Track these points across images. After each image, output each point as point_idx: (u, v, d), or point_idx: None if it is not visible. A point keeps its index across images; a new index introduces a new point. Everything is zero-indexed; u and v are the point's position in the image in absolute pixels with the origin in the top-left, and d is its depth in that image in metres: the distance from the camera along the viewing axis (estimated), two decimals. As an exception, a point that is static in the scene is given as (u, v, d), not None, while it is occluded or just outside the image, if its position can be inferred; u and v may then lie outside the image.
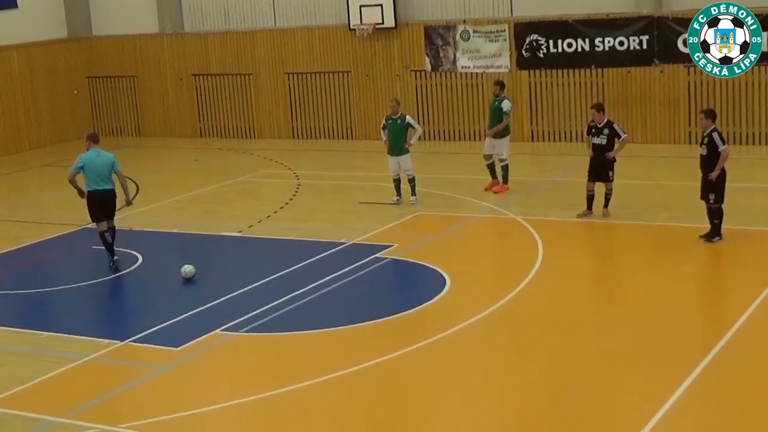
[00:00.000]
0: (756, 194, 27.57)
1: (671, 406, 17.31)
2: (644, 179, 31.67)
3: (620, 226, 27.99)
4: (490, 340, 21.30)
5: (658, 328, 20.92)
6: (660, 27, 36.22)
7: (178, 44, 45.53)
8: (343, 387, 19.35)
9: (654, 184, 31.27)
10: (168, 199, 34.93)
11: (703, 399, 17.68)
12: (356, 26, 40.90)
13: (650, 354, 19.59)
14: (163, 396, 19.64)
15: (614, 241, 27.69)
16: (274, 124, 43.89)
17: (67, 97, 46.81)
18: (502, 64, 38.73)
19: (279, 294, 24.38)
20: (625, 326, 21.47)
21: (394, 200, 31.35)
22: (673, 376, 18.20)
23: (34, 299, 26.60)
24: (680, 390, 17.80)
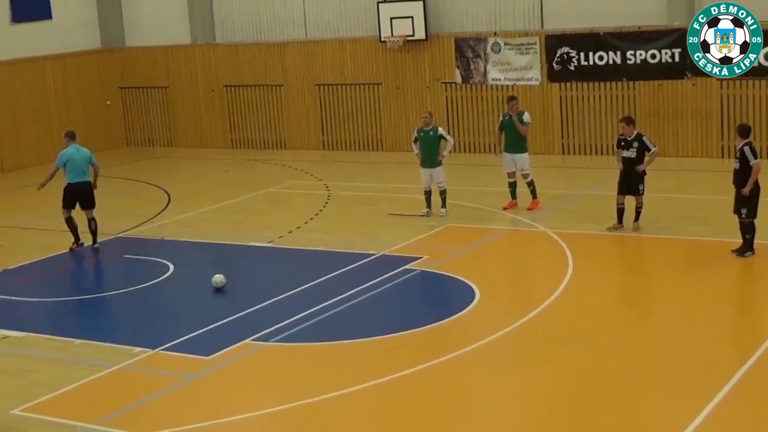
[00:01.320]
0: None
1: (701, 421, 17.37)
2: (675, 193, 31.65)
3: (651, 240, 27.93)
4: (519, 354, 21.24)
5: (689, 342, 20.89)
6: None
7: (209, 55, 45.64)
8: (371, 398, 19.39)
9: (685, 198, 31.26)
10: (199, 209, 35.01)
11: (734, 414, 17.65)
12: (387, 38, 40.93)
13: (680, 369, 19.52)
14: (192, 405, 19.69)
15: (645, 255, 27.62)
16: (304, 135, 43.95)
17: (101, 108, 46.96)
18: (532, 77, 38.75)
19: (309, 304, 24.41)
20: (655, 340, 21.42)
21: (425, 212, 31.36)
22: (704, 392, 18.14)
23: (67, 307, 26.81)
24: (711, 405, 17.75)
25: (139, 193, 38.08)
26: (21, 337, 24.00)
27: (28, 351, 23.12)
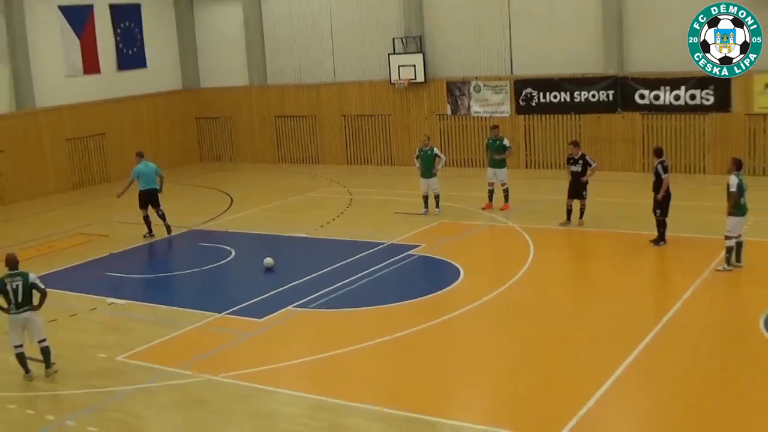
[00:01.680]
0: (692, 210, 27.56)
1: (629, 363, 17.58)
2: (610, 198, 31.61)
3: (592, 233, 27.91)
4: (493, 316, 21.43)
5: (617, 309, 21.05)
6: (622, 84, 36.08)
7: (262, 94, 45.57)
8: (384, 349, 19.59)
9: (617, 201, 31.20)
10: (254, 208, 35.03)
11: (650, 358, 17.84)
12: (395, 81, 40.92)
13: (610, 328, 19.73)
14: (249, 354, 19.92)
15: (587, 243, 27.61)
16: (332, 153, 43.84)
17: (182, 133, 46.96)
18: (504, 110, 38.63)
19: (335, 280, 24.57)
20: (590, 307, 21.74)
21: (423, 212, 31.29)
22: (625, 345, 18.41)
23: (157, 282, 27.01)
24: (633, 355, 17.99)
25: (209, 196, 38.13)
26: (123, 303, 24.16)
27: (129, 314, 23.29)
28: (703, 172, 34.28)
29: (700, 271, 23.05)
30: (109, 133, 43.34)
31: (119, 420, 16.90)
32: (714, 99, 34.37)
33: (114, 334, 21.82)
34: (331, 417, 16.39)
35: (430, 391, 17.44)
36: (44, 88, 40.98)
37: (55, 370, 19.27)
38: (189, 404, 17.47)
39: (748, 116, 33.83)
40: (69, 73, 42.27)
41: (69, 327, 22.45)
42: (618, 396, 16.47)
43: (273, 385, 18.01)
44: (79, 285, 26.10)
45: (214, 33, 47.32)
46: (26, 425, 17.14)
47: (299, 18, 44.37)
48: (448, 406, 16.82)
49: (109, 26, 44.00)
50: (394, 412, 16.26)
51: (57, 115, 41.43)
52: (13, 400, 18.25)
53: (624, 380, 17.00)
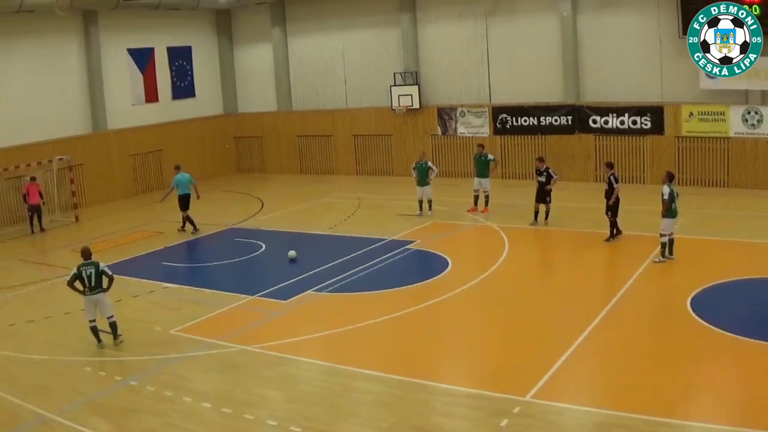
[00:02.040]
0: (633, 213, 27.38)
1: (584, 337, 17.55)
2: (570, 203, 31.44)
3: (555, 231, 27.80)
4: (476, 298, 21.35)
5: (575, 291, 21.08)
6: (578, 111, 35.96)
7: (287, 117, 45.46)
8: (386, 326, 19.57)
9: (576, 206, 31.05)
10: (281, 210, 34.87)
11: (602, 335, 17.84)
12: (396, 107, 40.80)
13: (570, 306, 19.71)
14: (276, 329, 19.87)
15: (551, 240, 27.48)
16: (345, 165, 43.74)
17: (223, 149, 46.90)
18: (484, 132, 38.43)
19: (346, 269, 24.49)
20: (554, 291, 21.63)
21: (418, 213, 31.14)
22: (581, 322, 18.43)
23: (201, 270, 26.90)
24: (588, 328, 18.01)
25: (244, 201, 38.00)
26: (174, 287, 24.11)
27: (179, 295, 23.26)
28: (642, 182, 34.17)
29: (640, 263, 23.04)
30: (165, 150, 43.27)
31: (171, 381, 16.91)
32: (651, 124, 34.22)
33: (167, 312, 21.80)
34: (342, 380, 16.37)
35: (424, 360, 17.42)
36: (114, 114, 40.98)
37: (121, 340, 19.31)
38: (226, 368, 17.49)
39: (677, 138, 33.77)
40: (134, 101, 42.27)
41: (132, 306, 22.43)
42: (576, 362, 16.46)
43: (294, 354, 17.97)
44: (140, 272, 26.04)
45: (249, 68, 47.21)
46: (100, 384, 17.19)
47: (318, 56, 44.24)
48: (439, 372, 16.78)
49: (166, 64, 44.02)
50: (393, 377, 16.27)
51: (124, 136, 41.38)
52: (89, 364, 18.32)
53: (581, 350, 17.02)
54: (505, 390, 15.14)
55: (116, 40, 41.08)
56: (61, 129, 38.51)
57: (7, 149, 35.69)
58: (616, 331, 18.12)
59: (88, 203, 39.20)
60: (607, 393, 15.11)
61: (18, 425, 15.32)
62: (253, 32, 46.48)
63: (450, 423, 14.20)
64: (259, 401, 15.69)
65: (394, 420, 14.40)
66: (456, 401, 15.08)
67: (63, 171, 37.04)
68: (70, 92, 39.36)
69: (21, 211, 35.21)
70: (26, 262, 28.92)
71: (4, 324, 21.60)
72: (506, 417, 14.06)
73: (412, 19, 40.47)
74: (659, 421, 13.60)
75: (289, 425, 14.46)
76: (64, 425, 15.11)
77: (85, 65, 39.92)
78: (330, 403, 15.32)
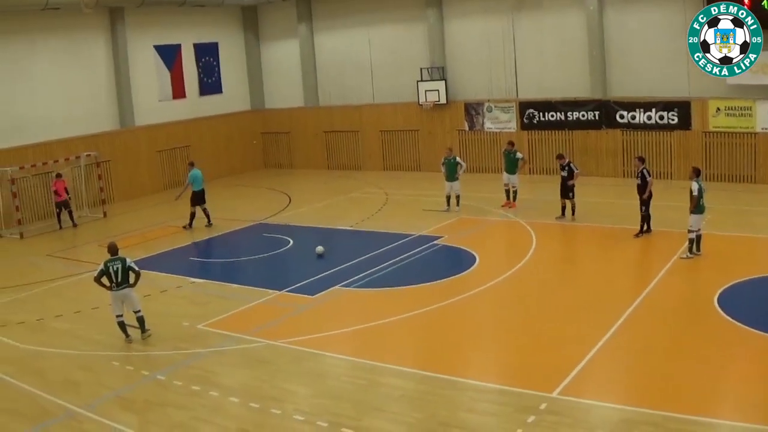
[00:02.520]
0: (661, 209, 27.14)
1: (611, 334, 17.48)
2: (597, 198, 31.40)
3: (583, 227, 27.68)
4: (503, 293, 21.31)
5: (600, 289, 20.97)
6: (606, 106, 35.74)
7: (315, 113, 45.53)
8: (414, 322, 19.53)
9: (603, 201, 30.99)
10: (308, 206, 34.92)
11: (631, 328, 17.78)
12: (423, 103, 40.79)
13: (596, 304, 19.63)
14: (303, 324, 19.89)
15: (579, 235, 27.34)
16: (372, 161, 43.73)
17: (250, 145, 46.98)
18: (511, 127, 38.39)
19: (374, 264, 24.48)
20: (582, 286, 21.50)
21: (445, 209, 31.17)
22: (609, 317, 18.38)
23: (229, 265, 26.99)
24: (615, 325, 17.95)
25: (271, 196, 38.08)
26: (202, 282, 24.21)
27: (207, 290, 23.33)
28: (670, 177, 33.98)
29: (667, 259, 22.92)
30: (193, 146, 43.43)
31: (199, 375, 16.97)
32: (678, 119, 34.00)
33: (195, 306, 21.88)
34: (370, 376, 16.37)
35: (451, 356, 17.41)
36: (142, 110, 41.21)
37: (149, 334, 19.42)
38: (254, 363, 17.53)
39: (704, 133, 33.58)
40: (161, 98, 42.48)
41: (160, 300, 22.53)
42: (603, 359, 16.39)
43: (322, 349, 18.00)
44: (168, 267, 26.15)
45: (276, 64, 47.33)
46: (127, 378, 17.28)
47: (344, 52, 44.31)
48: (466, 368, 16.74)
49: (192, 60, 44.18)
50: (421, 373, 16.27)
51: (151, 132, 41.61)
52: (117, 359, 18.41)
53: (608, 346, 16.95)
54: (532, 386, 15.10)
55: (143, 36, 41.28)
56: (88, 125, 38.76)
57: (35, 146, 35.97)
58: (643, 327, 18.03)
59: (115, 199, 39.41)
60: (633, 390, 15.03)
61: (46, 419, 15.43)
62: (280, 28, 46.60)
63: (477, 419, 14.19)
64: (286, 396, 15.72)
65: (421, 416, 14.40)
66: (483, 397, 15.05)
67: (91, 167, 37.27)
68: (98, 89, 39.61)
69: (50, 207, 35.44)
70: (54, 257, 29.12)
71: (33, 319, 21.77)
72: (533, 413, 14.03)
73: (439, 14, 40.42)
74: (686, 418, 13.53)
75: (316, 420, 14.49)
76: (92, 419, 15.21)
77: (112, 62, 40.15)
78: (357, 399, 15.33)
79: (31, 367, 18.21)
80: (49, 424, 15.22)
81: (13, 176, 33.21)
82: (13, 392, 16.87)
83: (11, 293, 24.65)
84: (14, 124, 35.61)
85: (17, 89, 35.98)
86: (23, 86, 36.20)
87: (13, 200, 33.23)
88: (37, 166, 34.99)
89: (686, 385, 14.92)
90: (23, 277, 26.52)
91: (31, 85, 36.51)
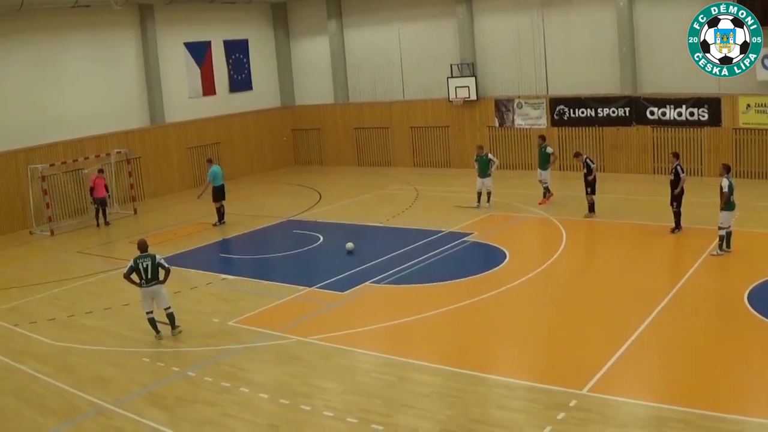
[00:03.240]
0: (692, 206, 26.98)
1: (641, 330, 17.42)
2: (627, 194, 31.34)
3: (612, 223, 27.59)
4: (534, 290, 21.26)
5: (630, 286, 20.82)
6: (636, 103, 35.60)
7: (345, 110, 45.65)
8: (444, 318, 19.51)
9: (633, 197, 30.92)
10: (339, 202, 35.05)
11: (661, 325, 17.71)
12: (453, 99, 40.80)
13: (626, 301, 19.51)
14: (333, 321, 19.89)
15: (609, 231, 27.08)
16: (402, 157, 43.79)
17: (280, 142, 47.15)
18: (541, 123, 38.31)
19: (404, 261, 24.50)
20: (612, 282, 21.38)
21: (476, 205, 31.19)
22: (640, 314, 18.30)
23: (259, 261, 27.06)
24: (646, 322, 17.87)
25: (302, 193, 38.20)
26: (233, 279, 24.33)
27: (238, 287, 23.44)
28: (700, 174, 33.77)
29: (698, 256, 22.80)
30: (223, 143, 43.67)
31: (229, 372, 17.03)
32: (708, 116, 33.84)
33: (225, 303, 21.98)
34: (399, 372, 16.36)
35: (481, 352, 17.39)
36: (172, 107, 41.49)
37: (179, 331, 19.52)
38: (284, 360, 17.57)
39: (734, 130, 33.41)
40: (191, 95, 42.73)
41: (190, 297, 22.65)
42: (633, 355, 16.30)
43: (352, 345, 18.02)
44: (198, 264, 26.32)
45: (306, 61, 47.52)
46: (158, 375, 17.34)
47: (375, 49, 44.43)
48: (496, 365, 16.74)
49: (222, 57, 44.42)
50: (451, 369, 16.25)
51: (182, 129, 41.87)
52: (147, 355, 18.54)
53: (638, 343, 16.86)
54: (562, 383, 15.05)
55: (173, 33, 41.53)
56: (119, 122, 39.06)
57: (66, 143, 36.27)
58: (673, 324, 17.93)
59: (146, 196, 39.71)
60: (663, 387, 14.95)
61: (76, 415, 15.53)
62: (310, 25, 46.74)
63: (507, 415, 14.16)
64: (316, 392, 15.74)
65: (451, 412, 14.39)
66: (513, 394, 15.01)
67: (121, 164, 37.52)
68: (128, 86, 39.89)
69: (80, 204, 35.75)
70: (85, 254, 29.34)
71: (63, 315, 21.96)
72: (563, 410, 13.99)
73: (468, 10, 40.39)
74: (715, 415, 13.43)
75: (346, 416, 14.51)
76: (122, 415, 15.30)
77: (143, 59, 40.42)
78: (387, 395, 15.34)
79: (61, 364, 18.35)
80: (79, 420, 15.31)
81: (43, 173, 33.53)
82: (43, 388, 17.00)
83: (42, 290, 24.89)
84: (44, 122, 35.97)
85: (47, 87, 36.31)
86: (53, 84, 36.54)
87: (43, 197, 33.55)
88: (67, 163, 35.29)
89: (716, 382, 14.83)
90: (54, 273, 26.77)
91: (62, 82, 36.82)
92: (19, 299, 24.00)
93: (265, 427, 14.45)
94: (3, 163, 34.13)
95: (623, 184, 33.04)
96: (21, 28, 35.20)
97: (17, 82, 35.26)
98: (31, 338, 20.30)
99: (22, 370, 18.10)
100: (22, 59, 35.40)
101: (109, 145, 37.56)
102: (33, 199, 34.30)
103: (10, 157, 34.36)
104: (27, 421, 15.43)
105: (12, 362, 18.65)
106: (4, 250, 31.31)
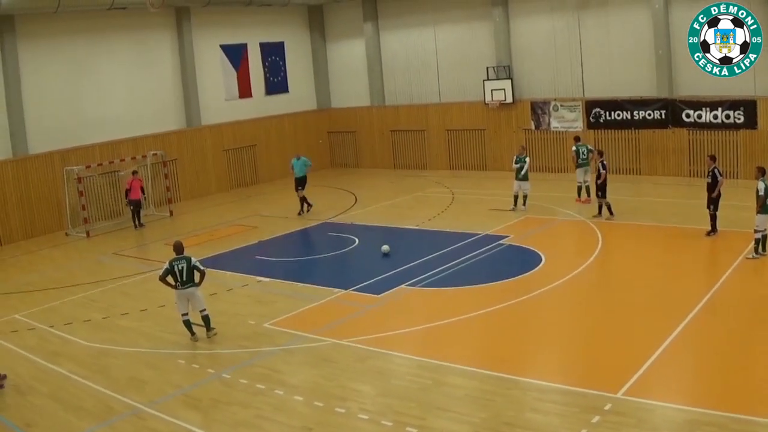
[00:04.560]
0: (727, 209, 26.81)
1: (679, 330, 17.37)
2: (663, 198, 31.19)
3: (648, 226, 27.42)
4: (569, 293, 21.23)
5: (665, 289, 20.77)
6: (672, 105, 35.33)
7: (381, 112, 45.75)
8: (479, 321, 19.53)
9: (669, 201, 30.75)
10: (374, 205, 35.09)
11: (697, 328, 17.64)
12: (489, 102, 40.76)
13: (662, 304, 19.44)
14: (369, 323, 19.99)
15: (645, 235, 26.85)
16: (438, 160, 43.80)
17: (316, 144, 47.29)
18: (577, 126, 38.20)
19: (440, 264, 24.52)
20: (647, 285, 21.27)
21: (512, 208, 31.13)
22: (675, 317, 18.25)
23: (295, 264, 27.19)
24: (681, 325, 17.81)
25: (337, 195, 38.32)
26: (268, 281, 24.45)
27: (273, 289, 23.55)
28: (735, 177, 33.52)
29: (733, 259, 22.67)
30: (259, 145, 43.93)
31: (264, 374, 17.14)
32: (744, 119, 33.53)
33: (261, 305, 22.10)
34: (434, 375, 16.39)
35: (516, 355, 17.41)
36: (208, 110, 41.79)
37: (214, 333, 19.65)
38: (319, 362, 17.64)
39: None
40: (227, 97, 43.03)
41: (226, 299, 22.81)
42: (668, 359, 16.23)
43: (387, 348, 18.06)
44: (234, 266, 26.49)
45: (342, 64, 47.71)
46: (193, 376, 17.49)
47: (411, 51, 44.48)
48: (531, 368, 16.72)
49: (259, 60, 44.67)
50: (485, 372, 16.26)
51: (218, 131, 42.14)
52: (183, 357, 18.68)
53: (673, 347, 16.79)
54: (597, 386, 15.03)
55: (209, 36, 41.81)
56: (155, 124, 39.39)
57: (102, 145, 36.62)
58: (708, 328, 17.88)
59: (182, 198, 39.97)
60: (698, 390, 14.90)
61: (111, 417, 15.69)
62: (346, 27, 46.89)
63: (541, 419, 14.17)
64: (351, 395, 15.82)
65: (485, 415, 14.42)
66: (547, 397, 15.02)
67: (157, 166, 37.80)
68: (164, 88, 40.20)
69: (116, 206, 36.08)
70: (121, 255, 29.61)
71: (99, 317, 22.19)
72: (598, 414, 13.97)
73: (504, 13, 40.35)
74: (751, 420, 13.36)
75: (380, 419, 14.57)
76: (157, 417, 15.44)
77: (179, 61, 40.72)
78: (422, 398, 15.37)
79: (96, 365, 18.55)
80: (114, 421, 15.47)
81: (79, 175, 33.84)
82: (78, 390, 17.18)
83: (78, 291, 25.17)
84: (80, 124, 36.35)
85: (83, 89, 36.69)
86: (89, 86, 36.90)
87: (79, 199, 33.89)
88: (103, 165, 35.61)
89: (751, 386, 14.76)
90: (90, 275, 27.04)
91: (98, 84, 37.17)
92: (55, 300, 24.29)
93: (299, 430, 14.53)
94: (39, 165, 34.50)
95: (659, 187, 32.88)
96: (58, 30, 35.60)
97: (53, 84, 35.62)
98: (66, 339, 20.54)
99: (57, 372, 18.31)
100: (58, 61, 35.77)
101: (145, 147, 37.87)
102: (69, 200, 34.68)
103: (47, 158, 34.74)
104: (62, 422, 15.59)
105: (48, 363, 18.88)
106: (40, 251, 31.69)
